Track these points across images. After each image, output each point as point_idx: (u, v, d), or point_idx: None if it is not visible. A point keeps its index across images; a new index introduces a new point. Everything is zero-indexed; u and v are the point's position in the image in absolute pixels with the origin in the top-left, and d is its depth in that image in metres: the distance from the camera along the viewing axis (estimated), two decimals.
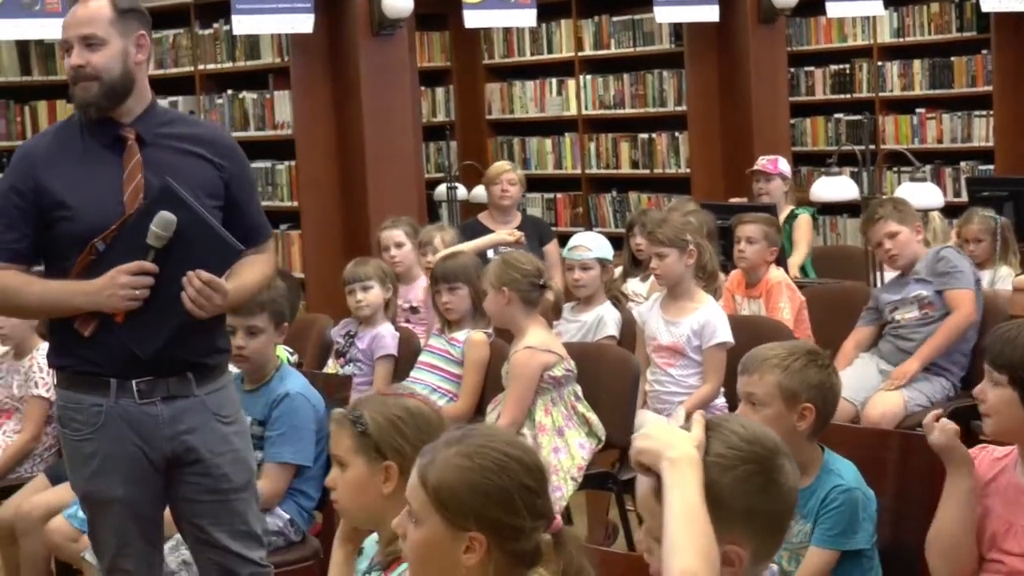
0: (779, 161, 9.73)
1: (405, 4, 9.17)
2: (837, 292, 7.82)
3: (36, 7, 7.93)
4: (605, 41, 12.97)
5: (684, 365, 6.66)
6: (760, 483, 2.66)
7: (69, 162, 4.58)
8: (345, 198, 9.39)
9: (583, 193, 13.14)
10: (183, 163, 4.61)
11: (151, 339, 4.48)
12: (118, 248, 4.46)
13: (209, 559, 4.71)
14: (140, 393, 4.51)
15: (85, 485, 4.64)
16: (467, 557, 2.75)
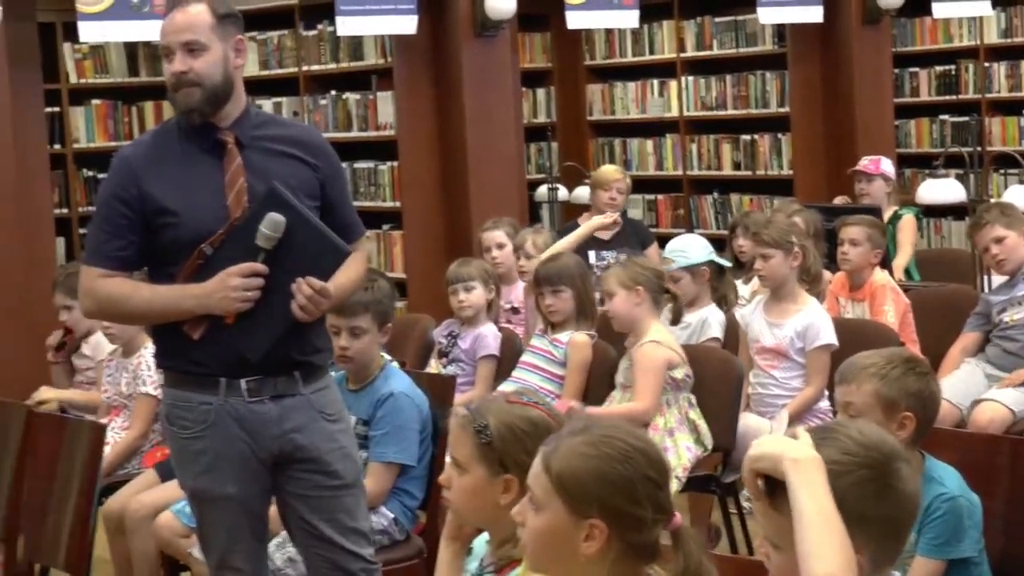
0: (881, 162, 9.67)
1: (508, 5, 9.18)
2: (943, 295, 7.73)
3: (144, 9, 8.00)
4: (707, 42, 12.94)
5: (787, 367, 6.64)
6: (877, 488, 2.64)
7: (169, 168, 4.60)
8: (447, 198, 9.42)
9: (684, 195, 13.11)
10: (281, 165, 4.64)
11: (260, 341, 4.52)
12: (226, 251, 4.49)
13: (318, 555, 4.73)
14: (249, 392, 4.55)
15: (194, 482, 4.68)
16: (587, 545, 2.75)
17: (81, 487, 5.07)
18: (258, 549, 4.80)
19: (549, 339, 6.70)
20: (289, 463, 4.64)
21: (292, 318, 4.48)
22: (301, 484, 4.67)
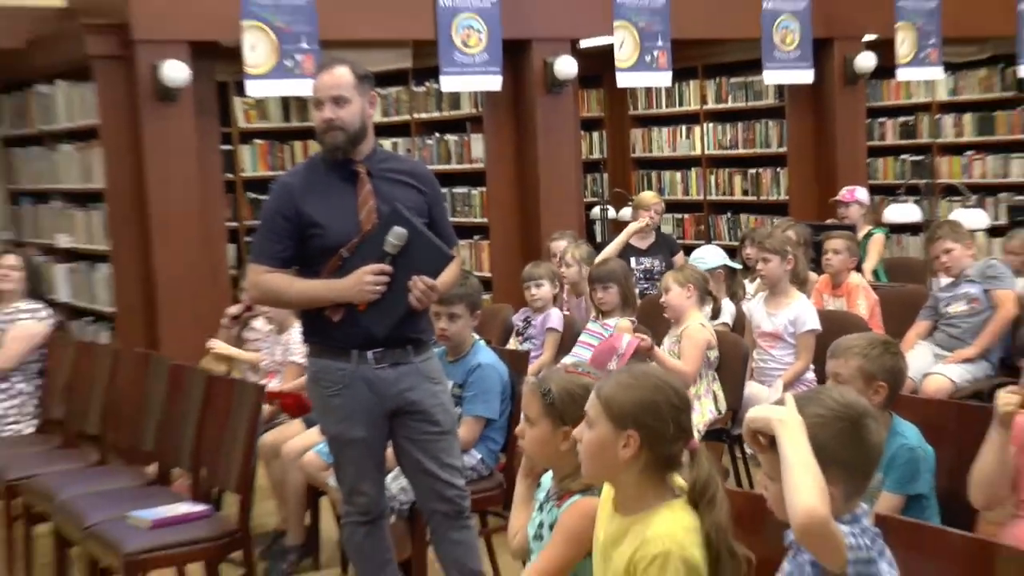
0: (856, 191, 9.61)
1: (571, 68, 9.19)
2: (902, 293, 7.76)
3: (296, 71, 8.05)
4: (724, 97, 12.92)
5: (782, 347, 6.68)
6: (850, 437, 2.71)
7: (318, 192, 4.72)
8: (523, 216, 9.42)
9: (704, 214, 13.08)
10: (399, 191, 4.76)
11: (384, 323, 4.62)
12: (359, 255, 4.60)
13: (424, 484, 4.84)
14: (375, 360, 4.65)
15: (333, 429, 4.79)
16: (624, 451, 2.97)
17: (247, 431, 5.12)
18: (379, 479, 4.89)
19: (601, 323, 6.71)
20: (403, 415, 4.74)
21: (408, 306, 4.57)
22: (412, 431, 4.76)
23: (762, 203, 12.34)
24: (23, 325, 7.06)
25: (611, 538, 3.07)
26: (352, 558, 5.01)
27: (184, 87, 7.93)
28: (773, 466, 2.68)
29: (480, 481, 5.42)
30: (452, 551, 4.85)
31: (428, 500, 4.84)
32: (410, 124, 11.81)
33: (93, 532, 5.06)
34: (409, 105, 11.84)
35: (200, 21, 8.06)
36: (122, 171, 8.14)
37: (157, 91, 7.89)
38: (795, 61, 10.19)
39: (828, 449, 2.66)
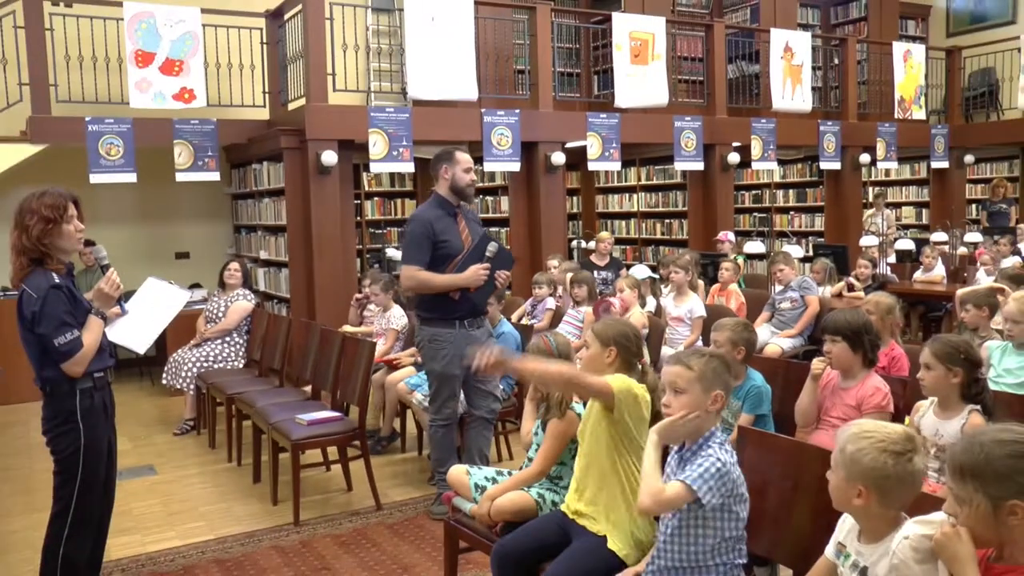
0: (728, 234, 9.55)
1: (561, 159, 9.16)
2: (754, 295, 7.66)
3: (399, 158, 8.07)
4: (651, 177, 12.84)
5: (683, 326, 6.60)
6: (722, 370, 2.71)
7: (440, 222, 4.70)
8: (531, 244, 9.38)
9: (638, 247, 13.00)
10: (474, 225, 4.84)
11: (483, 299, 4.73)
12: (468, 259, 4.67)
13: (479, 399, 4.87)
14: (469, 324, 4.72)
15: (441, 369, 4.74)
16: (608, 359, 3.15)
17: (364, 369, 5.10)
18: (457, 401, 4.88)
19: (576, 309, 6.67)
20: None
21: (492, 289, 4.74)
22: None
23: (672, 240, 12.25)
24: (239, 303, 7.08)
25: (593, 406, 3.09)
26: (434, 446, 4.90)
27: (334, 166, 7.92)
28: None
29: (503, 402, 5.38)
30: (479, 440, 4.84)
31: (478, 408, 4.83)
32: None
33: (275, 426, 5.07)
34: None
35: (344, 128, 8.05)
36: (297, 214, 8.14)
37: (319, 168, 7.88)
38: (693, 157, 10.14)
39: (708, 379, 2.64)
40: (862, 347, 3.78)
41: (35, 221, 3.37)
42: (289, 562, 4.32)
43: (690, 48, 11.07)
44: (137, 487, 5.56)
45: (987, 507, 1.90)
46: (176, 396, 7.60)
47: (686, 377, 2.65)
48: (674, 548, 2.66)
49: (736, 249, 9.62)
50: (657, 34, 9.69)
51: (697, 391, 2.64)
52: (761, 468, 2.92)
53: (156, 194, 9.49)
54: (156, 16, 8.13)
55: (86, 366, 3.42)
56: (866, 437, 2.15)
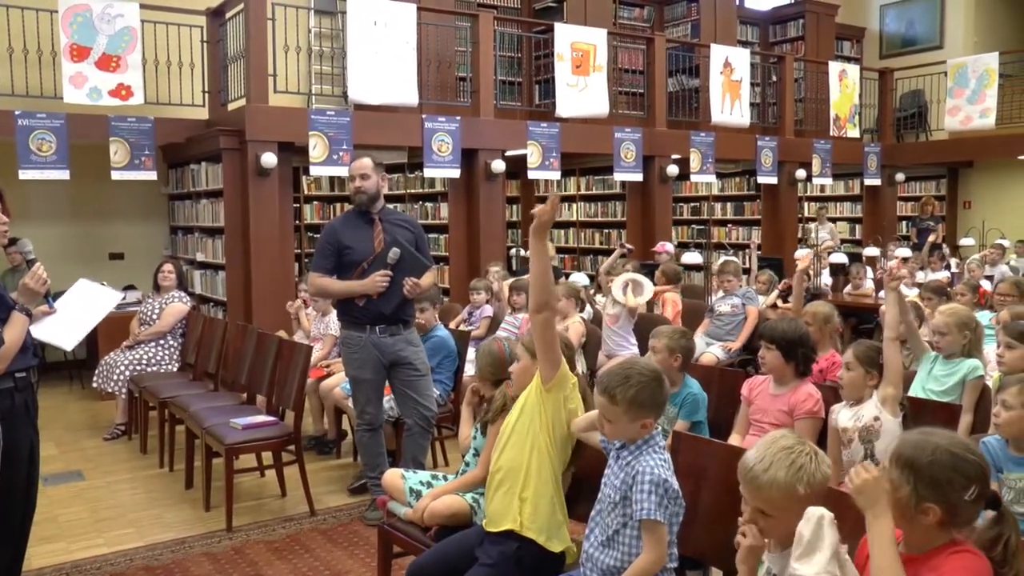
0: (666, 244, 9.67)
1: (501, 167, 9.16)
2: (692, 306, 7.67)
3: (339, 161, 8.01)
4: (590, 186, 12.92)
5: (620, 327, 6.50)
6: (655, 387, 2.66)
7: (350, 229, 4.72)
8: (470, 251, 9.34)
9: (578, 255, 13.05)
10: (398, 230, 4.82)
11: (389, 305, 4.64)
12: (373, 266, 4.63)
13: (408, 405, 4.82)
14: (380, 331, 4.67)
15: (352, 372, 4.77)
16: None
17: (300, 373, 5.03)
18: (379, 404, 4.85)
19: (514, 316, 6.65)
20: (397, 365, 4.74)
21: (403, 296, 4.61)
22: (402, 374, 4.77)
23: (611, 249, 12.26)
24: (174, 306, 6.94)
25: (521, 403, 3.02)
26: (360, 450, 4.93)
27: (273, 168, 7.81)
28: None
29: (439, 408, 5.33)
30: (414, 448, 4.81)
31: (409, 415, 4.80)
32: (404, 196, 11.77)
33: (209, 430, 4.99)
34: (404, 184, 11.81)
35: (284, 130, 7.95)
36: (235, 216, 8.01)
37: (258, 170, 7.76)
38: (632, 168, 10.22)
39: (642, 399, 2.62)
40: (795, 358, 3.85)
41: None
42: (221, 569, 4.24)
43: (631, 60, 11.18)
44: (63, 493, 5.39)
45: (909, 499, 1.99)
46: (107, 400, 7.41)
47: (612, 410, 2.64)
48: (605, 555, 2.65)
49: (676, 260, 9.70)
50: (599, 45, 9.75)
51: (624, 422, 2.64)
52: (695, 472, 2.94)
53: (90, 192, 9.26)
54: (92, 9, 7.92)
55: (7, 364, 3.31)
56: (799, 465, 2.16)
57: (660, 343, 4.17)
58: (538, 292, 2.87)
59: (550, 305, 2.85)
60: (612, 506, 2.66)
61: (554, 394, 2.90)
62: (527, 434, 2.93)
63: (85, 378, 8.26)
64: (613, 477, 2.69)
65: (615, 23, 11.87)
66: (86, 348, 8.52)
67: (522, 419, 2.96)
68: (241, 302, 8.00)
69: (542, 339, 2.87)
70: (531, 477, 2.90)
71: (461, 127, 8.82)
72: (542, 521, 2.90)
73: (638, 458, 2.63)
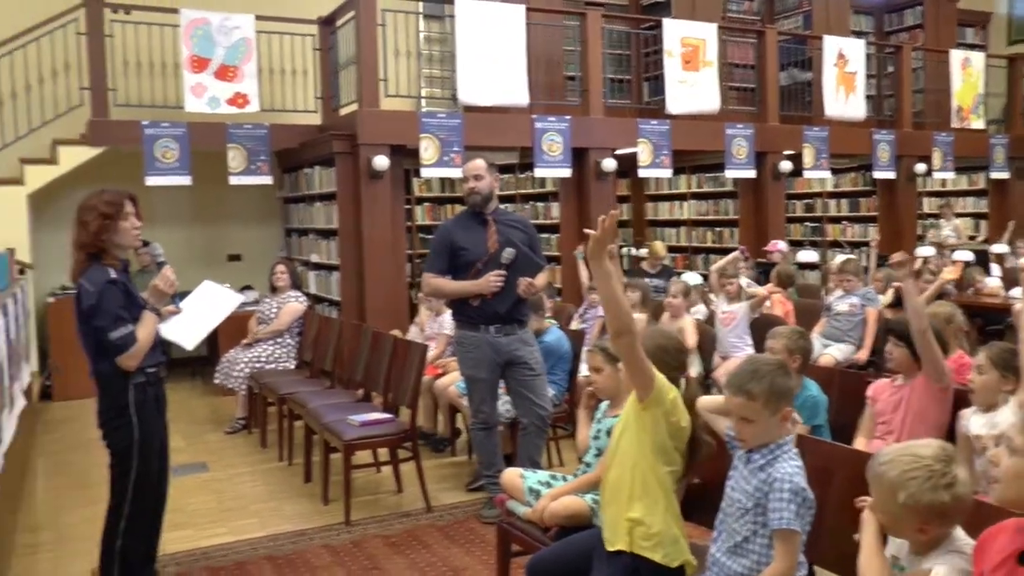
0: (778, 243, 9.44)
1: (612, 165, 9.09)
2: (806, 306, 7.45)
3: (450, 163, 8.07)
4: (701, 185, 12.74)
5: (736, 327, 6.33)
6: (784, 374, 2.60)
7: (463, 230, 4.72)
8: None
9: (689, 254, 12.84)
10: (511, 230, 4.81)
11: (503, 305, 4.65)
12: (488, 267, 4.63)
13: (523, 406, 4.81)
14: (495, 331, 4.66)
15: (468, 371, 4.79)
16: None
17: (416, 371, 5.07)
18: (493, 403, 4.86)
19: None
20: (512, 364, 4.71)
21: (517, 296, 4.58)
22: (517, 373, 4.74)
23: (723, 248, 12.05)
24: (291, 305, 7.10)
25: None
26: (476, 449, 4.97)
27: (385, 171, 7.93)
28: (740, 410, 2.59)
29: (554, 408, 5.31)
30: (530, 447, 4.79)
31: (525, 415, 4.79)
32: (515, 196, 11.80)
33: (327, 426, 5.08)
34: (515, 184, 11.84)
35: (395, 133, 8.06)
36: (348, 218, 8.16)
37: (370, 173, 7.89)
38: (744, 164, 10.02)
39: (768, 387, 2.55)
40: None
41: (93, 217, 3.49)
42: (340, 561, 4.31)
43: (741, 54, 10.95)
44: (190, 484, 5.59)
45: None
46: (227, 396, 7.65)
47: (751, 407, 2.55)
48: (734, 562, 2.58)
49: (789, 259, 9.47)
50: (708, 40, 9.60)
51: (765, 417, 2.55)
52: (819, 477, 2.82)
53: (210, 197, 9.59)
54: (211, 23, 8.22)
55: (139, 360, 3.48)
56: (911, 477, 2.10)
57: (778, 344, 4.05)
58: (612, 318, 2.66)
59: (629, 329, 2.64)
60: (742, 512, 2.57)
61: (651, 411, 2.77)
62: (630, 452, 2.82)
63: (207, 374, 8.55)
64: (743, 482, 2.59)
65: (724, 17, 11.64)
66: (207, 346, 8.81)
67: (626, 435, 2.86)
68: (355, 302, 8.14)
69: (629, 363, 2.73)
70: (636, 498, 2.79)
71: (571, 126, 8.80)
72: (654, 539, 2.78)
73: (773, 464, 2.54)
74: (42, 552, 4.57)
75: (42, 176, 8.19)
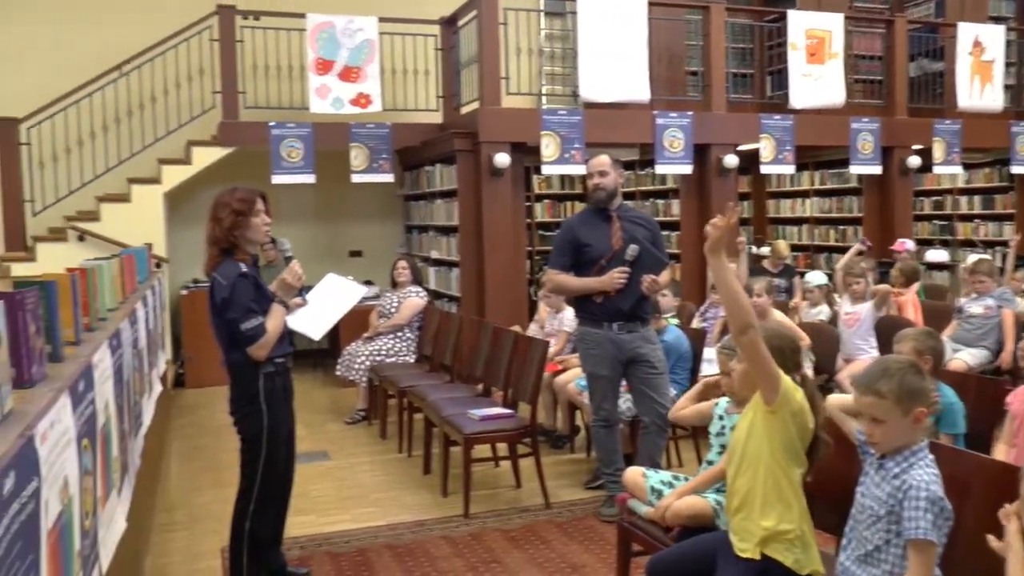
0: (906, 242, 9.03)
1: (734, 161, 8.89)
2: (935, 308, 7.11)
3: (570, 160, 8.04)
4: (824, 181, 12.33)
5: (860, 328, 6.10)
6: (916, 371, 2.49)
7: (587, 226, 4.67)
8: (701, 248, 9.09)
9: (811, 252, 12.46)
10: (635, 227, 4.71)
11: (627, 302, 4.57)
12: (612, 263, 4.56)
13: (645, 404, 4.70)
14: (618, 328, 4.60)
15: (589, 368, 4.73)
16: None
17: (536, 367, 5.05)
18: (615, 401, 4.78)
19: None
20: (634, 362, 4.62)
21: (641, 293, 4.49)
22: (639, 371, 4.65)
23: (845, 247, 11.65)
24: (412, 300, 7.19)
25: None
26: (595, 447, 4.91)
27: (506, 168, 7.94)
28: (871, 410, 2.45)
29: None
30: (650, 447, 4.70)
31: (646, 414, 4.71)
32: (635, 193, 11.68)
33: (447, 419, 5.11)
34: (635, 181, 11.72)
35: (516, 131, 8.08)
36: (469, 215, 8.21)
37: (491, 170, 7.93)
38: (870, 160, 9.65)
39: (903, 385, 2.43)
40: None
41: (227, 214, 3.61)
42: (459, 553, 4.33)
43: (868, 45, 10.55)
44: (312, 471, 5.71)
45: None
46: (348, 387, 7.80)
47: (881, 406, 2.43)
48: (864, 571, 2.46)
49: (915, 258, 9.07)
50: (834, 31, 9.28)
51: (897, 417, 2.42)
52: (956, 488, 2.65)
53: (332, 195, 9.80)
54: (336, 26, 8.41)
55: (269, 351, 3.58)
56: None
57: (906, 346, 3.85)
58: (734, 315, 2.64)
59: (751, 324, 2.61)
60: (874, 520, 2.46)
61: (780, 413, 2.69)
62: (759, 458, 2.74)
63: (328, 366, 8.75)
64: (875, 488, 2.47)
65: (851, 7, 11.24)
66: (329, 338, 9.01)
67: (751, 441, 2.78)
68: (474, 298, 8.19)
69: (753, 361, 2.68)
70: (770, 503, 2.73)
71: (693, 122, 8.64)
72: (789, 543, 2.73)
73: (907, 471, 2.41)
74: (177, 530, 4.78)
75: (177, 175, 8.53)
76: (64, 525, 1.81)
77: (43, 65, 8.84)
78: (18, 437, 1.55)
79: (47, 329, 2.27)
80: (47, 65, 8.81)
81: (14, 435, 1.56)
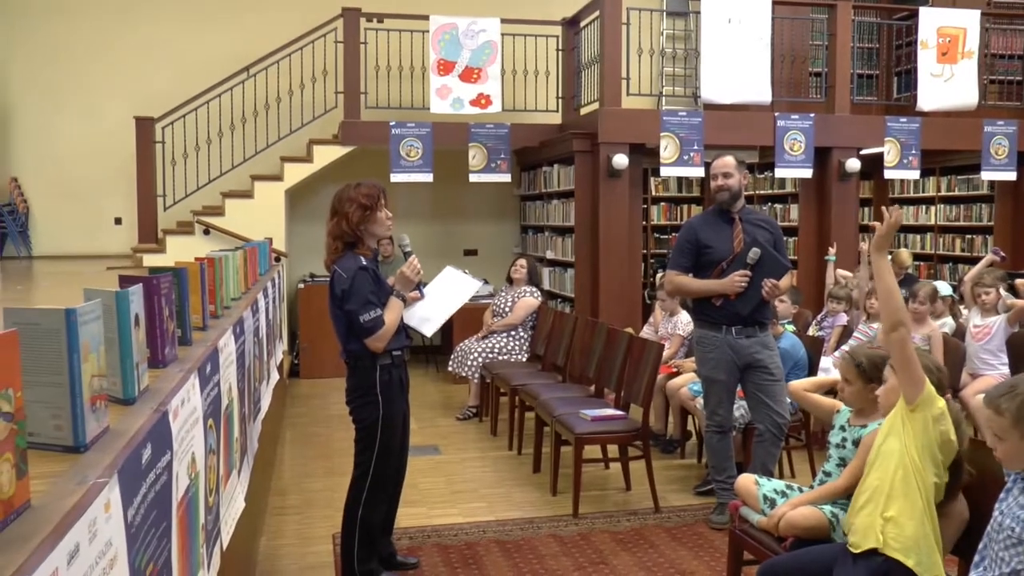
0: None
1: (856, 165, 8.61)
2: None
3: (690, 162, 7.93)
4: (953, 186, 11.78)
5: (990, 343, 5.83)
6: None
7: (709, 228, 4.59)
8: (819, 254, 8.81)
9: (934, 262, 11.85)
10: (757, 230, 4.62)
11: (746, 306, 4.46)
12: (733, 265, 4.49)
13: (761, 411, 4.58)
14: (736, 332, 4.52)
15: (705, 372, 4.64)
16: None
17: (650, 369, 4.98)
18: (730, 407, 4.67)
19: (868, 326, 6.12)
20: (751, 367, 4.52)
21: (761, 297, 4.40)
22: (756, 377, 4.54)
23: (972, 258, 11.11)
24: (526, 300, 7.22)
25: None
26: (708, 453, 4.81)
27: (624, 169, 7.89)
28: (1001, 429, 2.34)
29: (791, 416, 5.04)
30: (764, 455, 4.59)
31: (761, 421, 4.59)
32: (753, 196, 11.44)
33: (559, 418, 5.10)
34: (754, 185, 11.48)
35: (635, 132, 8.03)
36: (585, 216, 8.20)
37: (609, 171, 7.89)
38: (1005, 166, 9.20)
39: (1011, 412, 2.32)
40: None
41: (354, 208, 3.68)
42: (567, 552, 4.31)
43: (1007, 44, 10.05)
44: (423, 464, 5.79)
45: None
46: (459, 384, 7.87)
47: (999, 423, 2.33)
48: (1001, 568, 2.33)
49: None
50: (969, 29, 8.88)
51: (1015, 438, 2.31)
52: None
53: (449, 193, 9.92)
54: (459, 27, 8.51)
55: (386, 343, 3.64)
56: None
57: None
58: (888, 312, 2.79)
59: (903, 323, 2.74)
60: (1012, 542, 2.32)
61: (920, 413, 2.71)
62: (894, 455, 2.75)
63: (440, 362, 8.86)
64: (1016, 507, 2.34)
65: (989, 3, 10.73)
66: (442, 335, 9.13)
67: (889, 441, 2.79)
68: (588, 298, 8.16)
69: (900, 358, 2.75)
70: (895, 496, 2.71)
71: (815, 124, 8.41)
72: (908, 542, 2.68)
73: None
74: (289, 514, 4.90)
75: (298, 173, 8.76)
76: (191, 499, 1.88)
77: (176, 67, 9.28)
78: (153, 412, 1.61)
79: (178, 313, 2.35)
80: (180, 67, 9.24)
81: (150, 410, 1.63)
